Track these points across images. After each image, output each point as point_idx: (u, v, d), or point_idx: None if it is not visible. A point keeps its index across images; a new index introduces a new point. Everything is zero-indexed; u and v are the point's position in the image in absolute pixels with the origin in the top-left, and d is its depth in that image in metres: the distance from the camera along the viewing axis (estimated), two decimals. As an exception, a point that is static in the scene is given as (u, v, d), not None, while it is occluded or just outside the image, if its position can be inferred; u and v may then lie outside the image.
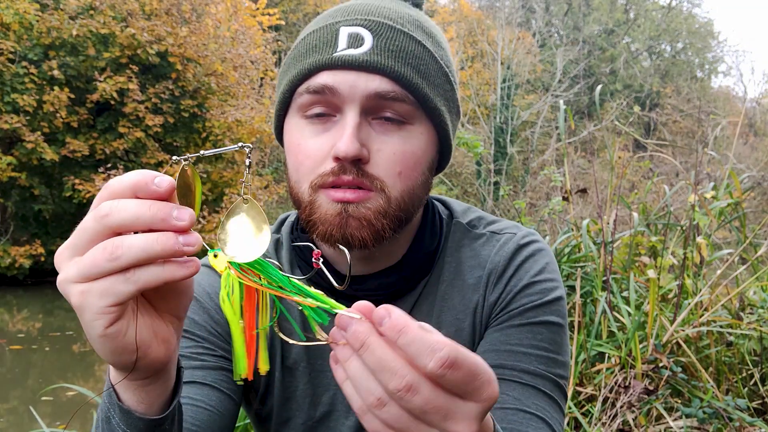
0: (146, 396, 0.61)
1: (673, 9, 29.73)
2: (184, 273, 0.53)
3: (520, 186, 20.04)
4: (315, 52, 0.83)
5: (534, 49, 24.25)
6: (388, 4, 0.88)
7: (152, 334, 0.57)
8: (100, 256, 0.51)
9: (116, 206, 0.52)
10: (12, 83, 12.41)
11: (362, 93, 0.80)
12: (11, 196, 13.44)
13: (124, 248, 0.51)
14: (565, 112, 3.51)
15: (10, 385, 6.86)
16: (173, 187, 0.54)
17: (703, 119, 13.78)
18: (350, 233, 0.81)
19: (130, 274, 0.52)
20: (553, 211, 4.03)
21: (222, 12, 15.67)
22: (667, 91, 26.17)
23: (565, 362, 0.90)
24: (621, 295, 2.94)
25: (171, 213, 0.52)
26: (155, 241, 0.51)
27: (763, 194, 8.31)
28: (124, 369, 0.57)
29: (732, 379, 2.72)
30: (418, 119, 0.84)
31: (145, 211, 0.52)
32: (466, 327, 0.92)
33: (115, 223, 0.52)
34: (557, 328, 0.89)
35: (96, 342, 0.54)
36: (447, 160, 0.94)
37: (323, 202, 0.81)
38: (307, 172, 0.83)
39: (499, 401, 0.82)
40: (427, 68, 0.84)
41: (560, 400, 0.87)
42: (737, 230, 3.33)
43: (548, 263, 0.93)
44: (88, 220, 0.53)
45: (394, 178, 0.82)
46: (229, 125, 14.41)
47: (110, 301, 0.52)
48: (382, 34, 0.82)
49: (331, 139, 0.81)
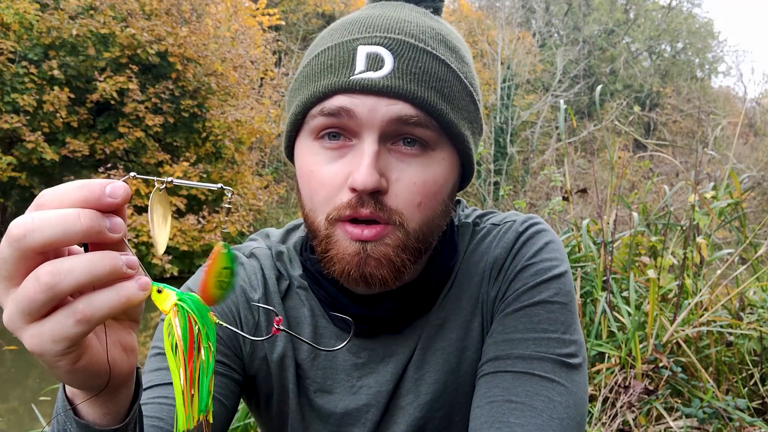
0: (113, 407, 0.57)
1: (673, 9, 29.72)
2: (141, 296, 0.47)
3: (520, 186, 20.06)
4: (330, 72, 0.77)
5: (534, 49, 24.25)
6: (408, 15, 0.81)
7: (120, 350, 0.53)
8: (33, 288, 0.44)
9: (31, 223, 0.44)
10: (12, 83, 12.40)
11: (382, 118, 0.75)
12: (11, 196, 13.44)
13: (61, 275, 0.44)
14: (566, 111, 3.51)
15: (10, 385, 6.86)
16: (128, 195, 0.46)
17: (703, 119, 13.79)
18: (369, 272, 0.77)
19: (81, 315, 0.45)
20: (553, 211, 4.03)
21: (222, 12, 15.67)
22: (667, 91, 26.17)
23: (572, 340, 0.83)
24: (621, 295, 2.94)
25: (104, 223, 0.45)
26: (100, 260, 0.44)
27: (763, 194, 8.31)
28: (93, 391, 0.53)
29: (732, 379, 2.72)
30: (441, 145, 0.79)
31: (73, 223, 0.44)
32: (476, 326, 0.89)
33: (35, 244, 0.44)
34: (558, 306, 0.84)
35: (63, 378, 0.50)
36: (469, 179, 0.89)
37: (340, 239, 0.77)
38: (322, 202, 0.78)
39: (490, 396, 0.80)
40: (452, 90, 0.79)
41: (565, 379, 0.80)
42: (737, 230, 3.33)
43: (548, 243, 0.88)
44: (2, 247, 0.45)
45: (414, 210, 0.77)
46: (229, 125, 14.41)
47: (65, 344, 0.45)
48: (404, 55, 0.76)
49: (347, 166, 0.76)
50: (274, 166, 18.42)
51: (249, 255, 0.95)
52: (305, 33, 22.05)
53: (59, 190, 0.46)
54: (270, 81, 17.65)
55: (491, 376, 0.82)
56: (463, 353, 0.89)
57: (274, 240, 0.98)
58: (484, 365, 0.85)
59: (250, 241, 1.01)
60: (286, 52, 20.95)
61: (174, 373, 0.49)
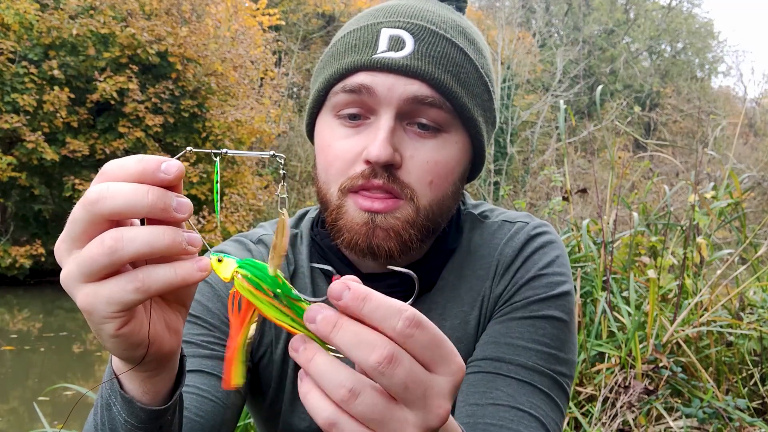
0: (152, 387, 0.59)
1: (673, 9, 29.72)
2: (199, 276, 0.49)
3: (520, 186, 20.06)
4: (354, 51, 0.81)
5: (534, 49, 24.26)
6: (432, 6, 0.86)
7: (164, 327, 0.55)
8: (96, 250, 0.47)
9: (106, 191, 0.46)
10: (12, 83, 12.41)
11: (399, 96, 0.78)
12: (11, 196, 13.44)
13: (124, 241, 0.46)
14: (565, 111, 3.51)
15: (10, 385, 6.86)
16: (182, 174, 0.48)
17: (703, 119, 13.80)
18: (376, 243, 0.79)
19: (140, 283, 0.47)
20: (553, 211, 4.03)
21: (222, 12, 15.67)
22: (667, 91, 26.17)
23: (568, 360, 0.86)
24: (621, 295, 2.94)
25: (171, 203, 0.47)
26: (162, 234, 0.47)
27: (763, 194, 8.32)
28: (132, 362, 0.55)
29: (732, 379, 2.72)
30: (454, 128, 0.82)
31: (141, 197, 0.46)
32: (472, 320, 0.90)
33: (106, 210, 0.46)
34: (561, 324, 0.87)
35: (106, 342, 0.52)
36: (479, 169, 0.91)
37: (350, 209, 0.80)
38: (336, 174, 0.81)
39: (493, 397, 0.81)
40: (467, 76, 0.82)
41: (559, 399, 0.84)
42: (737, 230, 3.33)
43: (558, 256, 0.91)
44: (77, 210, 0.48)
45: (425, 187, 0.80)
46: (229, 125, 14.41)
47: (118, 308, 0.48)
48: (424, 39, 0.80)
49: (363, 140, 0.79)
50: (274, 166, 18.42)
51: (257, 241, 0.97)
52: (305, 33, 22.06)
53: (123, 162, 0.48)
54: (270, 81, 17.66)
55: (492, 376, 0.83)
56: (457, 344, 0.89)
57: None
58: (480, 362, 0.85)
59: (257, 228, 1.03)
60: (286, 52, 20.96)
61: (240, 333, 0.51)
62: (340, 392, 0.45)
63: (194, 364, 0.83)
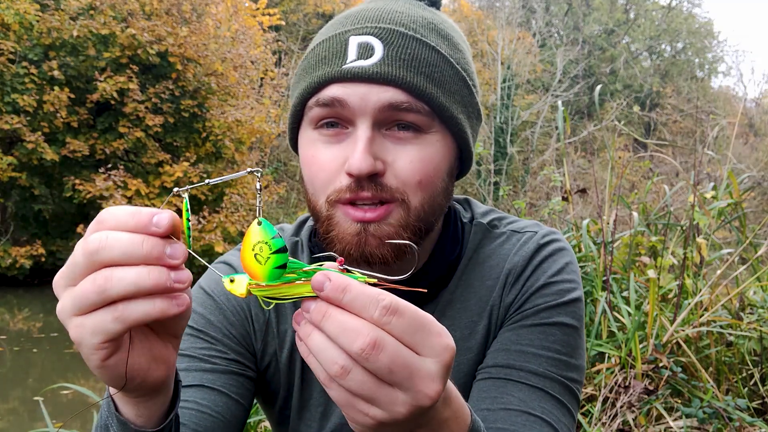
0: (145, 410, 0.62)
1: (673, 9, 29.72)
2: (175, 311, 0.52)
3: (520, 186, 20.06)
4: (324, 63, 0.80)
5: (534, 49, 24.25)
6: (401, 7, 0.84)
7: (150, 358, 0.57)
8: (89, 288, 0.51)
9: (106, 242, 0.51)
10: (12, 83, 12.40)
11: (374, 105, 0.77)
12: (11, 196, 13.44)
13: (113, 281, 0.50)
14: (562, 113, 3.51)
15: (10, 385, 6.86)
16: (173, 224, 0.52)
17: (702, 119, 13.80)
18: (369, 252, 0.79)
19: (119, 313, 0.51)
20: (553, 211, 4.03)
21: (222, 12, 15.66)
22: (667, 91, 26.17)
23: (578, 366, 0.87)
24: (621, 295, 2.94)
25: (164, 251, 0.51)
26: (146, 275, 0.50)
27: (763, 194, 8.32)
28: (119, 389, 0.58)
29: (732, 379, 2.72)
30: (435, 128, 0.81)
31: (137, 248, 0.51)
32: (480, 329, 0.90)
33: (105, 260, 0.51)
34: (572, 330, 0.87)
35: (95, 371, 0.55)
36: (468, 166, 0.91)
37: (341, 220, 0.79)
38: (322, 186, 0.81)
39: (504, 402, 0.81)
40: (442, 75, 0.81)
41: (570, 404, 0.84)
42: (737, 230, 3.33)
43: (568, 263, 0.91)
44: (77, 255, 0.52)
45: (414, 188, 0.80)
46: (229, 125, 14.40)
47: (102, 338, 0.52)
48: (393, 43, 0.79)
49: (343, 151, 0.79)
50: (274, 166, 18.41)
51: None
52: (305, 33, 22.05)
53: (117, 213, 0.53)
54: (270, 81, 17.66)
55: (503, 382, 0.84)
56: (465, 354, 0.89)
57: (287, 234, 1.00)
58: (490, 369, 0.86)
59: None
60: (286, 52, 20.95)
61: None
62: (333, 368, 0.50)
63: (195, 378, 0.83)
